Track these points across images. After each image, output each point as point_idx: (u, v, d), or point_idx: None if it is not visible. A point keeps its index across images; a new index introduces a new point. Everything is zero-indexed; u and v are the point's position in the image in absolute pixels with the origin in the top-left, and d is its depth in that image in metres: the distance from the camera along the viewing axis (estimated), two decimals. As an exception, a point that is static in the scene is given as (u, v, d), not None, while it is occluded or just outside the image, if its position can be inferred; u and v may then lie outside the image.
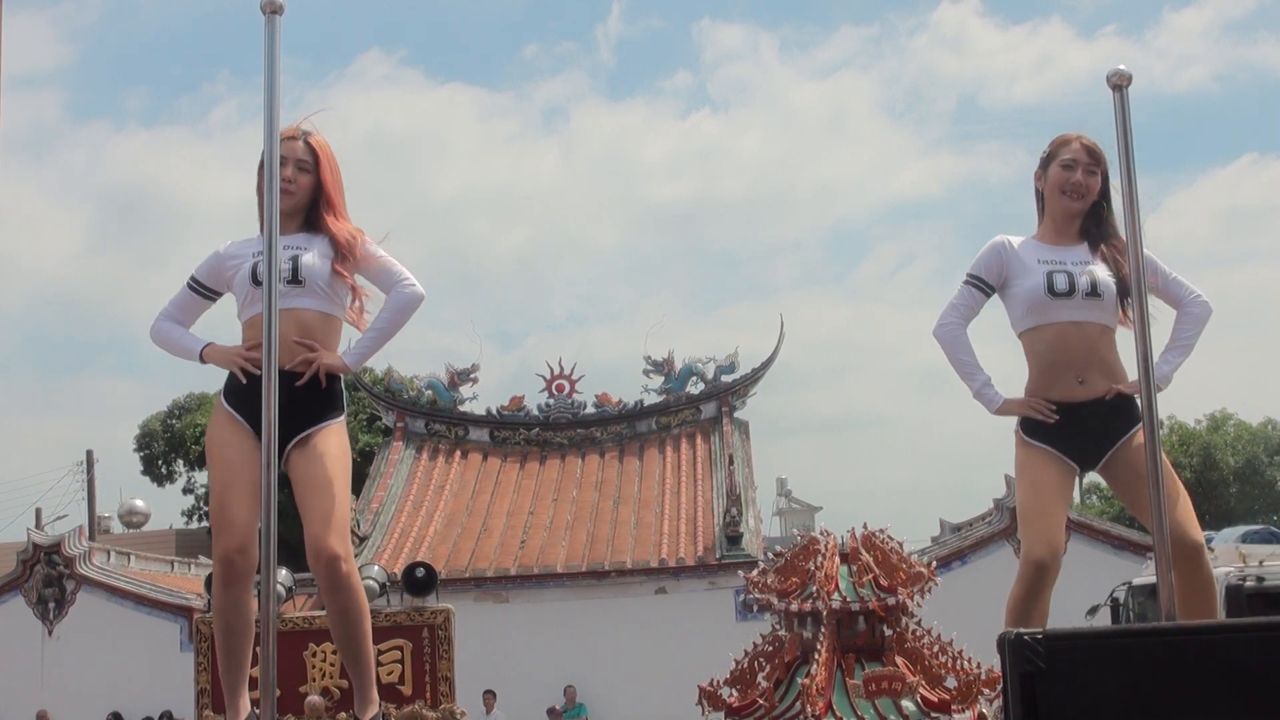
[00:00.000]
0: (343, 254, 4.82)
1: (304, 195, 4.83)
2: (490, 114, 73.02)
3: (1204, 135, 72.83)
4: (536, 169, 68.32)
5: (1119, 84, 4.21)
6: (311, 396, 4.70)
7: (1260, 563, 13.26)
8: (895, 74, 73.25)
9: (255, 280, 4.71)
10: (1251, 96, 69.96)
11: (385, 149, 67.88)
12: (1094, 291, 4.91)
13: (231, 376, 4.80)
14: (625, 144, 71.73)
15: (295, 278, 4.71)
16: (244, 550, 4.58)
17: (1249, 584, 12.69)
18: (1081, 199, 5.03)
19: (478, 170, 69.56)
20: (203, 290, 5.02)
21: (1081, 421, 4.87)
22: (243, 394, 4.70)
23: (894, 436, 66.03)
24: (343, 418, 4.86)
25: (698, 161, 70.73)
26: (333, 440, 4.78)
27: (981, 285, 5.11)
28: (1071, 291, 4.91)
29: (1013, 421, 5.05)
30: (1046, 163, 5.11)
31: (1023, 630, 3.08)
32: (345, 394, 4.92)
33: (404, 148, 69.36)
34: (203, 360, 4.91)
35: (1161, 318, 5.05)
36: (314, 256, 4.78)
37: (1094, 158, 5.03)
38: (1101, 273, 4.94)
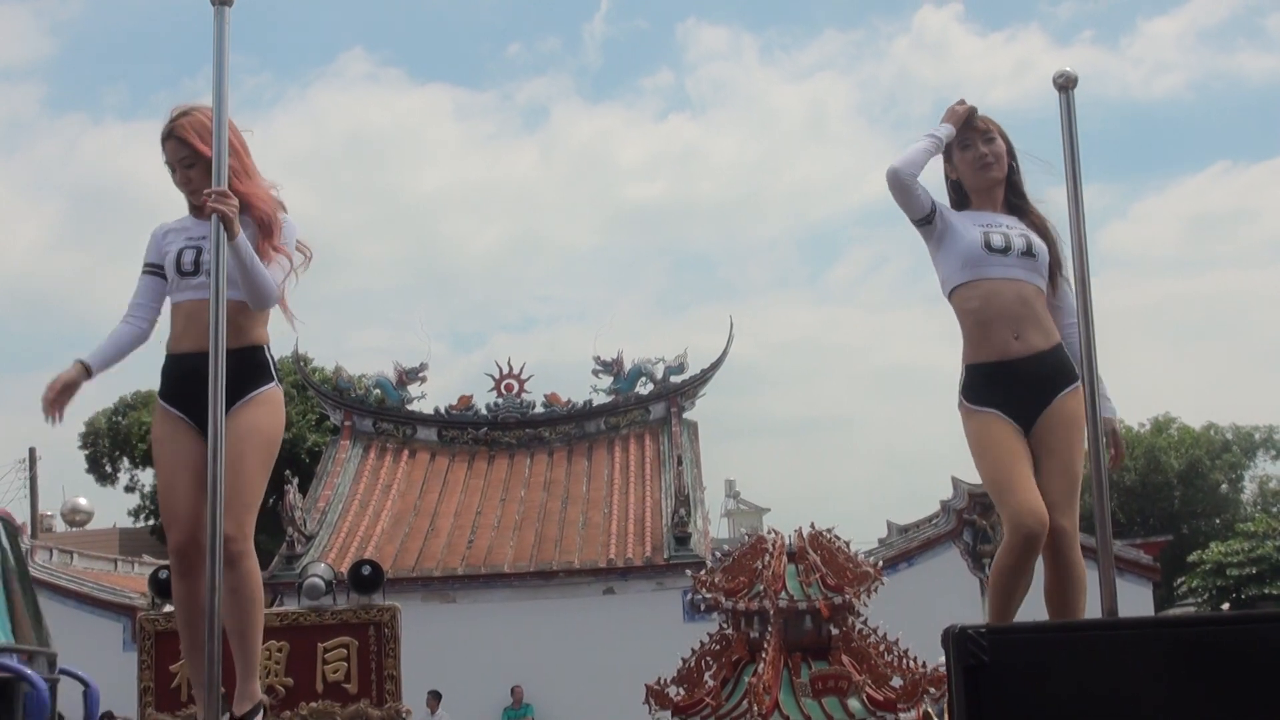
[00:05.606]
0: (262, 232, 4.69)
1: (206, 182, 4.54)
2: (471, 113, 72.92)
3: (1177, 142, 73.70)
4: (515, 168, 68.13)
5: (1065, 85, 4.28)
6: (235, 372, 4.49)
7: None
8: (873, 77, 73.66)
9: (180, 270, 4.75)
10: (1224, 104, 70.73)
11: (365, 147, 67.60)
12: (1029, 252, 4.96)
13: (165, 375, 4.79)
14: (603, 144, 71.78)
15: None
16: (195, 541, 4.59)
17: None
18: (996, 164, 5.08)
19: (457, 169, 69.38)
20: (157, 271, 4.94)
21: (1018, 378, 4.85)
22: (176, 389, 4.73)
23: (845, 439, 66.37)
24: (272, 385, 4.78)
25: (675, 163, 70.92)
26: (256, 413, 4.68)
27: (932, 203, 5.03)
28: (1007, 249, 4.94)
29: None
30: (949, 155, 5.16)
31: (966, 625, 3.11)
32: (273, 362, 4.82)
33: (384, 146, 69.05)
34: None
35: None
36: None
37: (983, 126, 5.09)
38: (1035, 237, 5.01)
